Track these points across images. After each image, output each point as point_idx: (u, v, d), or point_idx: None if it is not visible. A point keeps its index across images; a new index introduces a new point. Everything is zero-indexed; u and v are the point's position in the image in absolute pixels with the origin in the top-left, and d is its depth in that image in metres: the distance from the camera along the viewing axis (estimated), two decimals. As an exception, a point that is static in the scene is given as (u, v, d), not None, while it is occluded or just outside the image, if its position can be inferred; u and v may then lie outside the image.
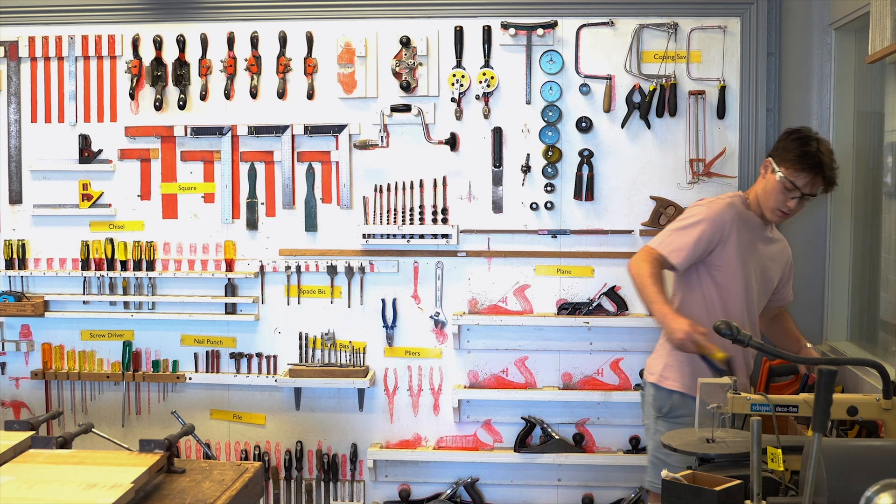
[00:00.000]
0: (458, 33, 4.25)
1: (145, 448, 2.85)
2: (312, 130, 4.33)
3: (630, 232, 4.25)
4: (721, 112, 4.18)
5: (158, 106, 4.37)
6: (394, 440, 4.40)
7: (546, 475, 4.33)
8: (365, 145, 4.23)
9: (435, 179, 4.30)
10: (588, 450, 4.31)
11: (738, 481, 2.57)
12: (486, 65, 4.25)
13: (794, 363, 3.63)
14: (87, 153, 4.45)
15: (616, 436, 4.32)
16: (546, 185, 4.26)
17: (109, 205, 4.46)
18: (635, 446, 4.29)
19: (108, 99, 4.46)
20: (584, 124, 4.22)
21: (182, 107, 4.37)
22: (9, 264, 4.50)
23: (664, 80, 4.19)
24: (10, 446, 2.85)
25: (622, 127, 4.23)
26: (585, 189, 4.24)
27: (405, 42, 4.22)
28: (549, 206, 4.25)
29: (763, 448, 2.54)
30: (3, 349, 4.56)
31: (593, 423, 4.32)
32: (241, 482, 2.84)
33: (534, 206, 4.26)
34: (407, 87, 4.21)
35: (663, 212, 4.22)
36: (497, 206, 4.29)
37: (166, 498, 2.68)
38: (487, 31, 4.24)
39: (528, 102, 4.25)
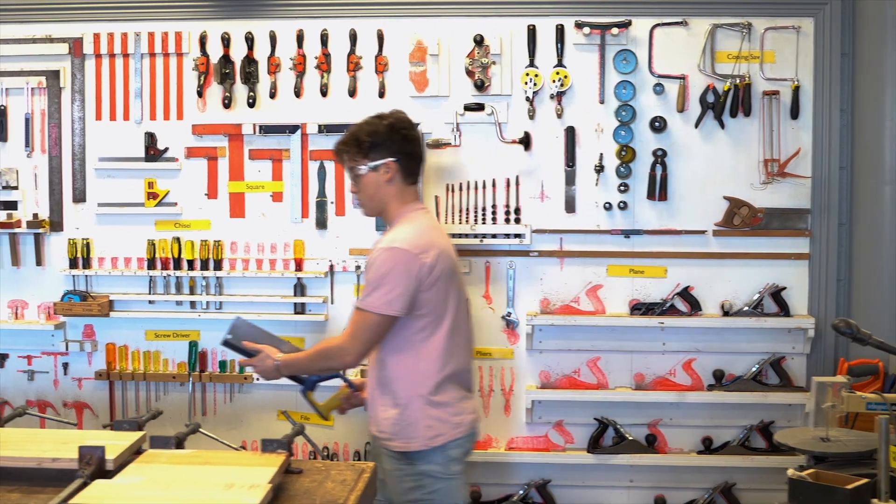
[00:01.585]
0: (531, 32, 4.29)
1: (268, 448, 2.87)
2: (384, 129, 4.32)
3: (703, 232, 4.30)
4: (794, 112, 4.23)
5: (227, 104, 4.39)
6: (464, 441, 4.41)
7: (618, 476, 4.37)
8: (438, 144, 4.26)
9: (507, 179, 4.34)
10: (660, 450, 4.36)
11: (866, 480, 2.61)
12: (559, 64, 4.29)
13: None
14: (152, 151, 4.46)
15: (688, 436, 4.37)
16: (620, 185, 4.30)
17: (175, 203, 4.47)
18: (708, 447, 4.35)
19: (174, 96, 4.46)
20: (657, 124, 4.26)
21: (251, 105, 4.38)
22: (73, 263, 4.50)
23: (738, 81, 4.24)
24: (126, 446, 2.86)
25: (696, 127, 4.28)
26: (659, 189, 4.29)
27: (479, 40, 4.25)
28: (623, 205, 4.29)
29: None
30: (66, 349, 4.54)
31: (666, 423, 4.36)
32: (362, 482, 2.87)
33: (607, 205, 4.30)
34: (481, 86, 4.25)
35: (737, 212, 4.27)
36: (570, 206, 4.32)
37: (294, 498, 2.71)
38: (560, 30, 4.28)
39: (602, 102, 4.30)
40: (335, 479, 2.88)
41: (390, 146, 3.18)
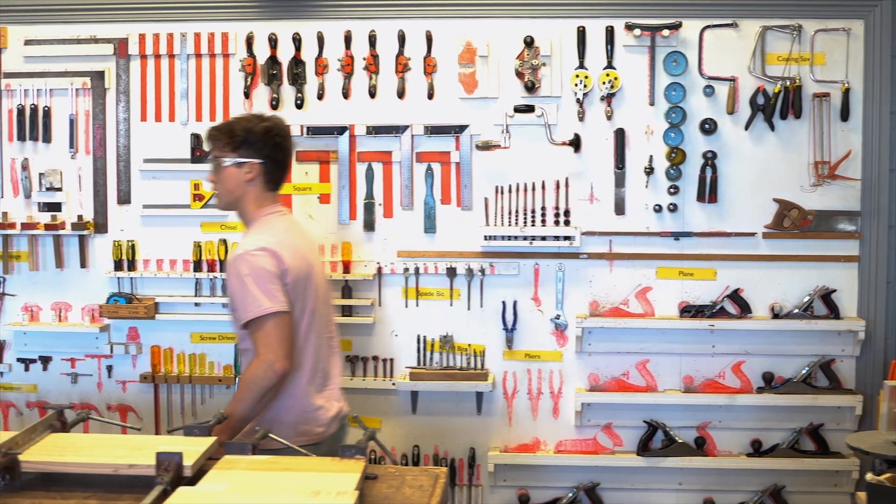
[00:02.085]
0: (581, 34, 4.28)
1: (345, 454, 2.84)
2: (433, 131, 4.33)
3: (753, 234, 4.29)
4: (845, 114, 4.23)
5: (275, 105, 4.37)
6: (512, 444, 4.42)
7: (667, 479, 4.37)
8: (487, 146, 4.25)
9: (557, 181, 4.32)
10: (709, 453, 4.35)
11: (950, 484, 2.59)
12: (609, 65, 4.27)
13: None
14: (198, 152, 4.44)
15: (737, 438, 4.37)
16: (669, 188, 4.29)
17: (222, 205, 4.42)
18: (757, 449, 4.35)
19: (220, 97, 4.45)
20: (707, 126, 4.25)
21: (299, 106, 4.37)
22: (117, 266, 4.47)
23: (788, 83, 4.23)
24: (201, 452, 2.84)
25: (746, 129, 4.27)
26: (709, 191, 4.28)
27: (529, 42, 4.24)
28: (672, 208, 4.28)
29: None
30: (110, 352, 4.51)
31: (715, 426, 4.36)
32: (439, 488, 2.85)
33: (657, 207, 4.29)
34: (531, 88, 4.24)
35: (786, 214, 4.26)
36: (619, 208, 4.31)
37: (376, 504, 2.68)
38: (610, 32, 4.27)
39: (652, 104, 4.29)
40: (412, 485, 2.86)
41: (261, 148, 3.22)
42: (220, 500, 2.50)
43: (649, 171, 4.31)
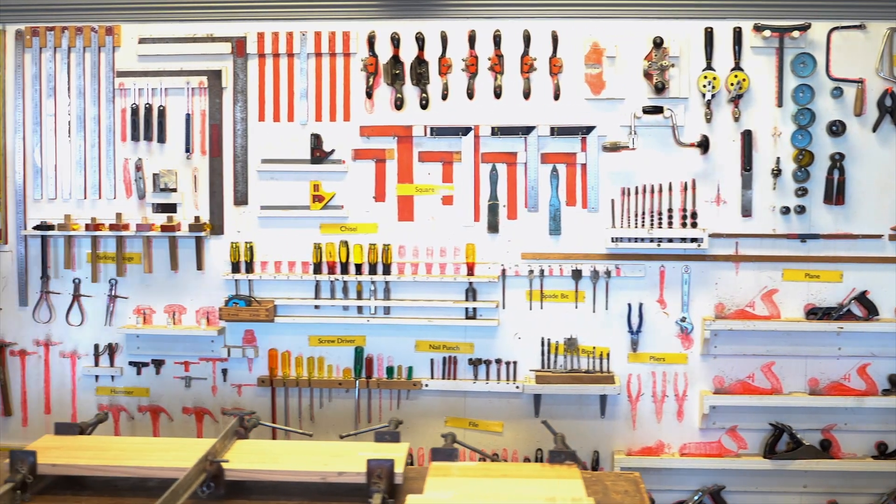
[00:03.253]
0: (709, 35, 4.26)
1: (556, 459, 2.82)
2: (559, 132, 4.29)
3: (880, 236, 4.31)
4: (972, 116, 4.23)
5: (399, 105, 4.32)
6: (636, 447, 4.40)
7: (791, 482, 4.37)
8: (615, 147, 4.23)
9: (683, 182, 4.29)
10: (834, 455, 4.34)
11: None
12: (737, 67, 4.26)
13: None
14: (318, 153, 4.39)
15: (862, 441, 4.39)
16: (797, 189, 4.29)
17: (342, 206, 4.41)
18: (882, 451, 4.35)
19: (340, 97, 4.40)
20: (835, 128, 4.25)
21: (424, 106, 4.33)
22: (235, 268, 4.40)
23: (915, 85, 4.22)
24: (403, 459, 2.80)
25: (873, 131, 4.28)
26: (836, 193, 4.27)
27: (658, 43, 4.22)
28: (799, 210, 4.28)
29: None
30: (227, 355, 4.45)
31: (840, 428, 4.36)
32: (642, 493, 2.82)
33: (784, 210, 4.28)
34: (661, 89, 4.22)
35: (913, 216, 4.25)
36: (746, 210, 4.30)
37: (595, 511, 2.65)
38: (738, 33, 4.25)
39: (780, 105, 4.27)
40: (617, 490, 2.85)
41: None
42: (457, 509, 2.47)
43: (776, 172, 4.30)
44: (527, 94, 4.36)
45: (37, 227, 4.49)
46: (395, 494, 2.67)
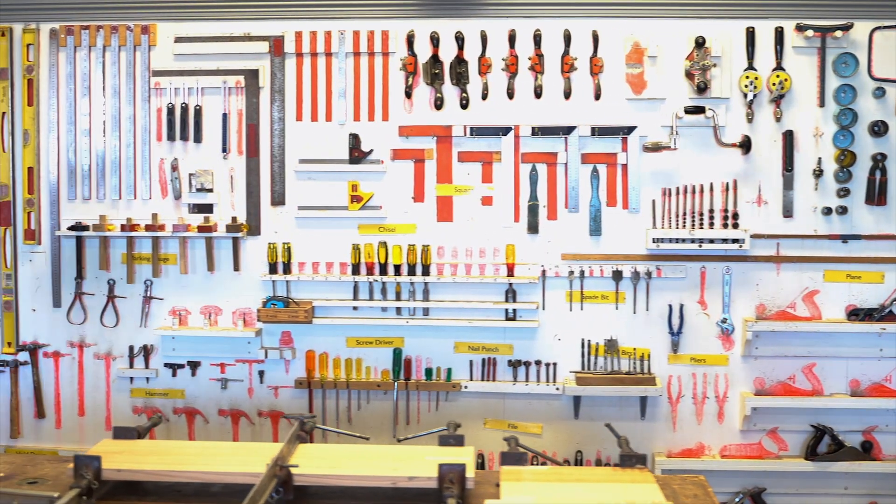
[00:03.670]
0: (750, 34, 4.24)
1: (626, 463, 2.79)
2: (600, 132, 4.27)
3: (921, 237, 4.28)
4: None
5: (439, 105, 4.30)
6: (676, 449, 4.38)
7: (832, 484, 4.36)
8: (657, 147, 4.21)
9: (724, 183, 4.28)
10: (876, 457, 4.32)
11: None
12: (778, 67, 4.25)
13: None
14: (356, 153, 4.36)
15: (904, 443, 4.36)
16: (839, 190, 4.28)
17: (380, 207, 4.38)
18: (924, 453, 4.32)
19: (379, 97, 4.37)
20: (877, 128, 4.24)
21: (464, 106, 4.30)
22: (272, 268, 4.36)
23: (957, 85, 4.21)
24: (470, 463, 2.77)
25: (916, 131, 4.25)
26: (878, 193, 4.26)
27: (700, 42, 4.20)
28: (841, 210, 4.27)
29: None
30: (264, 357, 4.41)
31: (882, 430, 4.35)
32: (710, 495, 2.80)
33: (825, 210, 4.27)
34: (703, 89, 4.21)
35: (955, 217, 4.24)
36: (787, 211, 4.29)
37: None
38: (779, 33, 4.24)
39: (822, 105, 4.26)
40: (686, 494, 2.84)
41: None
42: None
43: (818, 173, 4.29)
44: (567, 94, 4.34)
45: (71, 228, 4.45)
46: (465, 499, 2.65)
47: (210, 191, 4.45)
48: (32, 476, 2.97)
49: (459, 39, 4.35)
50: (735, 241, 4.29)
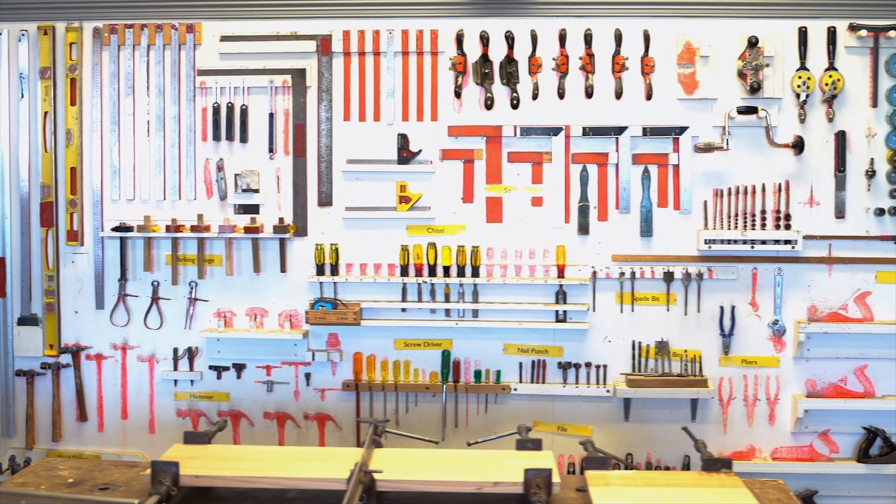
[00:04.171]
0: (802, 34, 4.20)
1: (712, 467, 2.76)
2: (651, 132, 4.23)
3: (974, 238, 4.25)
4: None
5: (489, 105, 4.26)
6: (727, 451, 4.36)
7: (884, 486, 4.34)
8: (709, 148, 4.18)
9: (776, 184, 4.25)
10: (928, 459, 4.30)
11: None
12: (831, 67, 4.22)
13: None
14: (405, 153, 4.32)
15: (956, 445, 4.32)
16: (891, 191, 4.27)
17: (429, 207, 4.34)
18: (976, 455, 4.29)
19: (427, 97, 4.33)
20: (929, 129, 4.21)
21: (515, 106, 4.27)
22: (319, 270, 4.32)
23: None
24: (553, 468, 2.73)
25: (968, 132, 4.23)
26: (930, 194, 4.23)
27: (753, 42, 4.18)
28: (893, 211, 4.27)
29: None
30: (311, 359, 4.37)
31: (934, 432, 4.32)
32: (793, 499, 2.78)
33: (878, 211, 4.25)
34: (756, 89, 4.18)
35: None
36: (839, 212, 4.27)
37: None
38: (832, 33, 4.20)
39: (874, 105, 4.23)
40: (769, 498, 2.82)
41: None
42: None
43: (870, 174, 4.27)
44: (618, 94, 4.30)
45: (115, 229, 4.40)
46: (551, 504, 2.61)
47: (256, 191, 4.41)
48: (102, 482, 2.93)
49: (509, 39, 4.31)
50: (787, 242, 4.26)
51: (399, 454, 2.92)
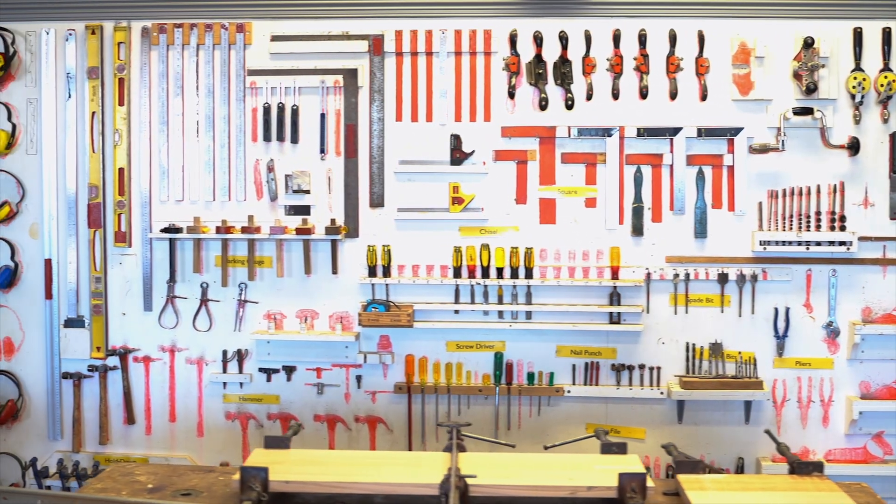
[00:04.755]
0: (857, 35, 4.19)
1: (803, 471, 2.74)
2: (706, 133, 4.21)
3: None
4: None
5: (543, 106, 4.24)
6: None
7: (938, 488, 4.30)
8: (764, 149, 4.16)
9: (831, 185, 4.24)
10: (981, 461, 4.30)
11: None
12: (886, 68, 4.21)
13: None
14: (458, 154, 4.29)
15: None
16: (946, 192, 4.22)
17: (481, 209, 4.32)
18: None
19: (481, 97, 4.31)
20: (983, 130, 4.19)
21: (570, 107, 4.24)
22: (372, 271, 4.29)
23: None
24: (640, 471, 2.71)
25: None
26: None
27: (809, 43, 4.16)
28: (948, 212, 4.22)
29: None
30: (363, 361, 4.34)
31: None
32: (881, 502, 2.75)
33: (932, 212, 4.22)
34: (812, 90, 4.17)
35: None
36: (894, 213, 4.26)
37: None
38: (887, 33, 4.19)
39: (929, 106, 4.21)
40: (859, 502, 2.76)
41: None
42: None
43: (925, 175, 4.25)
44: (673, 95, 4.29)
45: (164, 230, 4.37)
46: (645, 509, 2.59)
47: (307, 192, 4.38)
48: (182, 488, 2.90)
49: (563, 39, 4.28)
50: (842, 243, 4.25)
51: (482, 458, 2.89)
